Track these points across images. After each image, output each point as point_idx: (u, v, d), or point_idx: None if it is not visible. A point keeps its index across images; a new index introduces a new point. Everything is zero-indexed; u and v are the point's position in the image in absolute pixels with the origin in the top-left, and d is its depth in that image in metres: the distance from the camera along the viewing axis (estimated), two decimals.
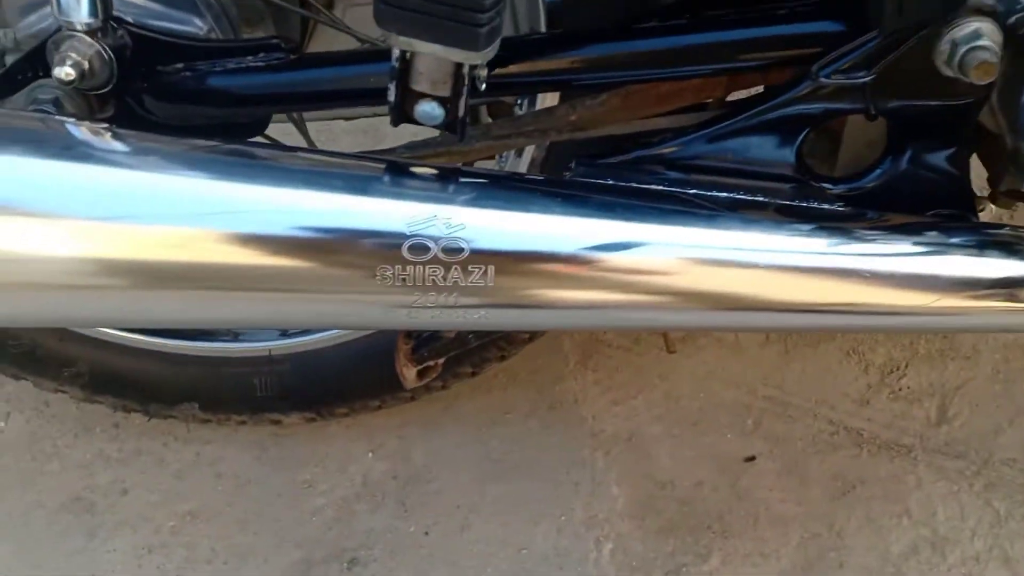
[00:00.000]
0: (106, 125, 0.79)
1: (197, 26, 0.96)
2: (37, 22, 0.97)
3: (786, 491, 1.35)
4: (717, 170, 0.87)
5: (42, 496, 1.40)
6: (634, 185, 0.83)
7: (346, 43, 1.06)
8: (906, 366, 1.45)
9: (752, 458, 1.37)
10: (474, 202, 0.77)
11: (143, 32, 0.84)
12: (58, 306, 0.76)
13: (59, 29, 0.82)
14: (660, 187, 0.83)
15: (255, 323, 0.82)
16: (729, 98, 0.97)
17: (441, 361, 1.10)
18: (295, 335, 1.29)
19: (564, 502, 1.36)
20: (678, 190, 0.83)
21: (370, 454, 1.41)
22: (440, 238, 0.75)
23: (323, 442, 1.42)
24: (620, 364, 1.45)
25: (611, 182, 0.83)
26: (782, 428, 1.39)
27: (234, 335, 1.29)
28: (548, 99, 1.03)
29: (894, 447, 1.38)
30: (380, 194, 0.77)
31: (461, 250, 0.75)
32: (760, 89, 0.90)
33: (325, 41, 1.14)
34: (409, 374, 1.08)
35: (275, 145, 0.84)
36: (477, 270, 0.76)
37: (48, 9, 0.96)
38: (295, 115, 1.12)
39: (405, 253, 0.75)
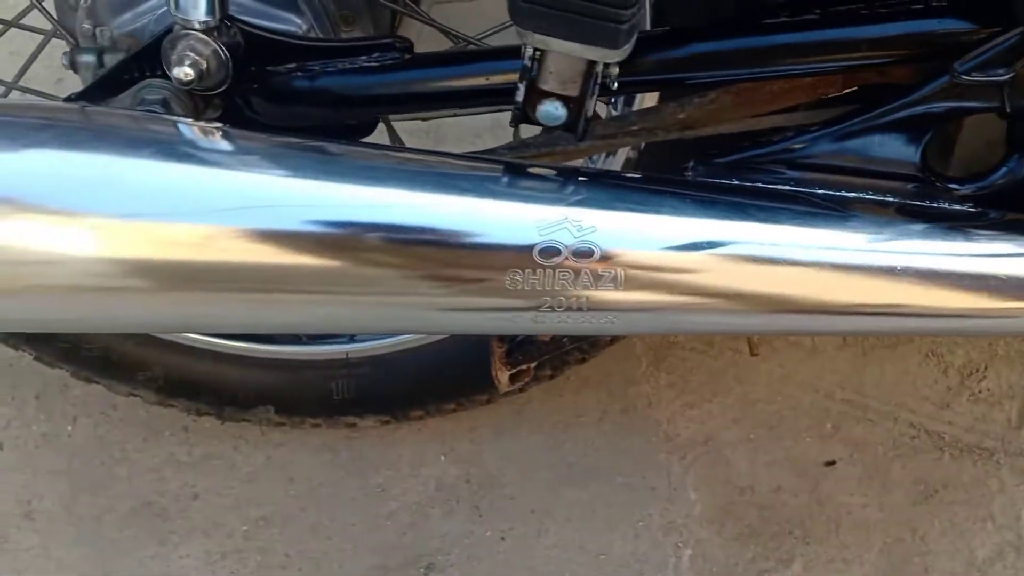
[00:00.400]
0: (223, 126, 0.78)
1: (296, 24, 0.95)
2: (132, 20, 0.96)
3: (867, 496, 1.33)
4: (840, 169, 0.85)
5: (112, 501, 1.38)
6: (761, 185, 0.81)
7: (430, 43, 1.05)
8: (985, 368, 1.43)
9: (832, 462, 1.35)
10: (604, 204, 0.76)
11: (257, 31, 0.83)
12: (195, 311, 0.74)
13: (170, 28, 0.81)
14: (787, 187, 0.81)
15: (378, 329, 0.81)
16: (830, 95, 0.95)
17: (533, 365, 1.09)
18: (371, 338, 1.28)
19: (641, 507, 1.34)
20: (805, 190, 0.81)
21: (442, 457, 1.40)
22: (571, 242, 0.74)
23: (394, 445, 1.41)
24: (694, 367, 1.43)
25: (736, 183, 0.81)
26: (862, 432, 1.37)
27: (311, 338, 1.28)
28: (647, 97, 1.01)
29: (976, 450, 1.36)
30: (507, 197, 0.76)
31: (592, 253, 0.74)
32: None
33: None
34: (503, 378, 1.07)
35: (393, 147, 0.83)
36: (608, 274, 0.75)
37: (143, 7, 0.95)
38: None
39: (536, 257, 0.74)
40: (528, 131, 0.88)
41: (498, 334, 0.94)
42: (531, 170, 0.80)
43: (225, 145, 0.76)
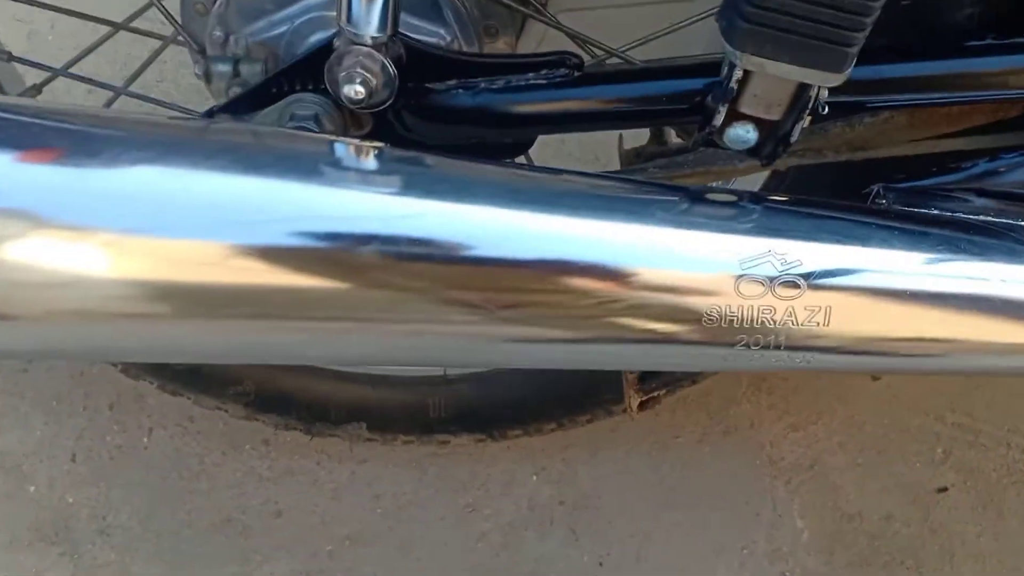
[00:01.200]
0: (386, 146, 0.73)
1: (441, 36, 0.89)
2: (266, 28, 0.89)
3: (982, 524, 1.28)
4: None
5: (191, 516, 1.33)
6: (969, 218, 0.76)
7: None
8: None
9: (944, 489, 1.30)
10: (808, 235, 0.71)
11: (421, 46, 0.77)
12: (350, 344, 0.69)
13: (330, 42, 0.75)
14: (998, 220, 0.75)
15: (560, 364, 0.75)
16: None
17: (664, 392, 1.03)
18: None
19: (745, 533, 1.29)
20: (1011, 222, 0.76)
21: (534, 477, 1.35)
22: (775, 275, 0.69)
23: (484, 463, 1.36)
24: (796, 387, 1.38)
25: (940, 213, 0.76)
26: (974, 457, 1.32)
27: None
28: None
29: None
30: (705, 227, 0.70)
31: (797, 287, 0.69)
32: None
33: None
34: (633, 404, 1.02)
35: (567, 171, 0.77)
36: (812, 311, 0.69)
37: (279, 16, 0.89)
38: None
39: (737, 291, 0.68)
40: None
41: (689, 371, 0.89)
42: (722, 197, 0.74)
43: (394, 167, 0.70)
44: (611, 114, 0.82)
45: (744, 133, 0.74)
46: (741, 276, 0.68)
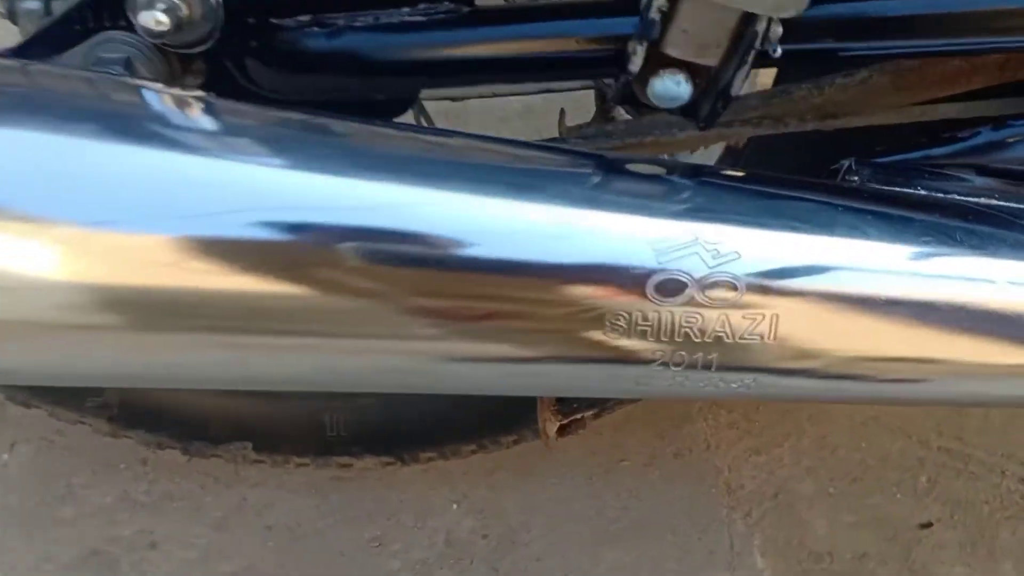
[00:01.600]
0: (208, 95, 0.54)
1: None
2: None
3: (971, 565, 1.11)
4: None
5: (52, 548, 1.14)
6: (964, 200, 0.57)
7: None
8: None
9: (928, 524, 1.12)
10: (750, 219, 0.52)
11: None
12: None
13: None
14: (998, 202, 0.57)
15: (410, 387, 0.57)
16: None
17: (591, 413, 0.85)
18: None
19: (698, 574, 1.10)
20: (1021, 207, 0.57)
21: (454, 506, 1.16)
22: (703, 272, 0.50)
23: (395, 489, 1.17)
24: (760, 403, 1.19)
25: (928, 194, 0.57)
26: (963, 488, 1.15)
27: None
28: (763, 75, 0.77)
29: None
30: (612, 206, 0.51)
31: (733, 289, 0.50)
32: None
33: None
34: (551, 429, 0.83)
35: (445, 132, 0.59)
36: (753, 320, 0.51)
37: None
38: None
39: (651, 293, 0.50)
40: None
41: (586, 396, 0.70)
42: (640, 168, 0.55)
43: (210, 122, 0.51)
44: (509, 63, 0.63)
45: (674, 85, 0.56)
46: (657, 272, 0.50)
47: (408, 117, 0.87)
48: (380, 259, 0.49)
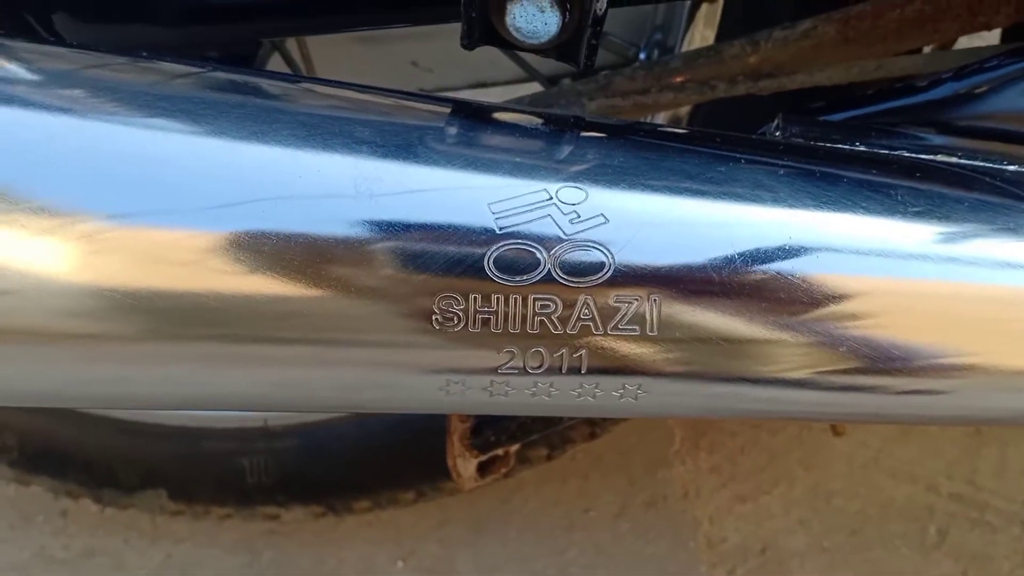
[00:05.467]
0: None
1: None
2: None
3: None
4: (993, 134, 0.49)
5: None
6: (906, 155, 0.45)
7: None
8: None
9: None
10: (623, 175, 0.40)
11: None
12: None
13: None
14: (953, 160, 0.44)
15: (195, 402, 0.45)
16: None
17: (514, 448, 0.72)
18: None
19: None
20: (991, 165, 0.44)
21: (400, 563, 1.04)
22: (559, 240, 0.38)
23: (334, 544, 1.05)
24: (745, 444, 1.06)
25: (860, 148, 0.45)
26: (978, 540, 0.99)
27: None
28: (699, 40, 0.65)
29: None
30: (440, 156, 0.40)
31: (600, 266, 0.38)
32: None
33: None
34: (466, 469, 0.70)
35: (271, 74, 0.47)
36: (627, 305, 0.39)
37: None
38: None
39: (491, 268, 0.38)
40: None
41: (423, 412, 0.58)
42: (492, 115, 0.44)
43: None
44: (355, 3, 0.52)
45: (537, 12, 0.44)
46: (497, 241, 0.38)
47: None
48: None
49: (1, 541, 1.08)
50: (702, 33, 0.75)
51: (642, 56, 0.93)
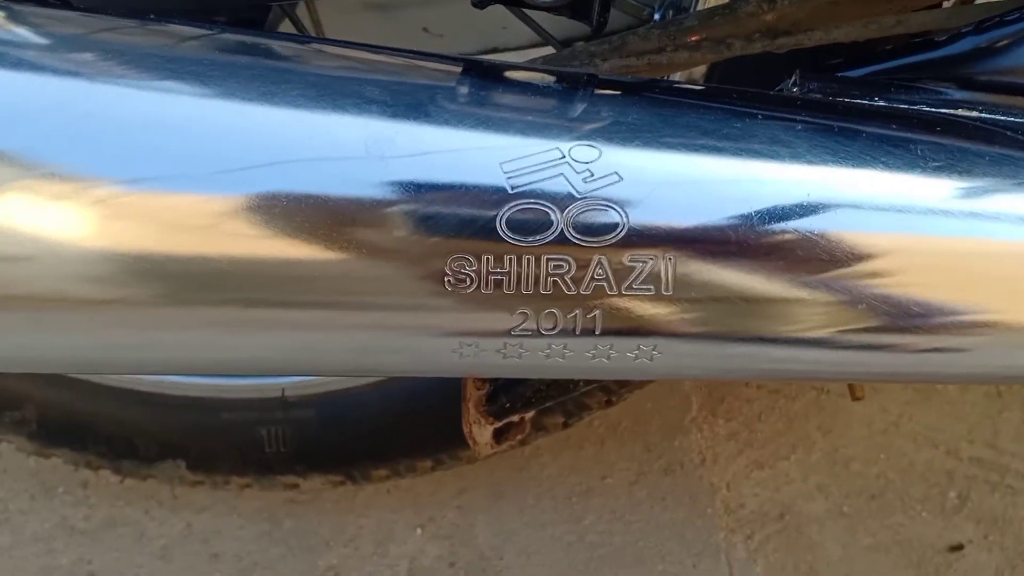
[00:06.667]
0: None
1: None
2: None
3: None
4: (1014, 88, 0.49)
5: None
6: (926, 110, 0.44)
7: None
8: None
9: (959, 547, 0.97)
10: (637, 133, 0.39)
11: None
12: None
13: None
14: (982, 114, 0.43)
15: (206, 365, 0.45)
16: None
17: (529, 415, 0.71)
18: None
19: None
20: (1014, 119, 0.43)
21: (419, 530, 1.04)
22: (572, 199, 0.38)
23: (354, 512, 1.05)
24: (763, 410, 1.05)
25: (875, 103, 0.44)
26: (998, 504, 0.99)
27: None
28: None
29: None
30: (451, 116, 0.39)
31: (614, 225, 0.38)
32: None
33: None
34: (482, 435, 0.70)
35: (280, 35, 0.47)
36: (642, 264, 0.38)
37: None
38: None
39: (503, 229, 0.37)
40: None
41: (445, 375, 0.57)
42: (500, 71, 0.43)
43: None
44: None
45: None
46: (510, 201, 0.37)
47: None
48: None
49: (23, 512, 1.09)
50: None
51: (656, 16, 0.92)
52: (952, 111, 0.46)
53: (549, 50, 0.90)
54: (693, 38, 0.58)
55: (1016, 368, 0.43)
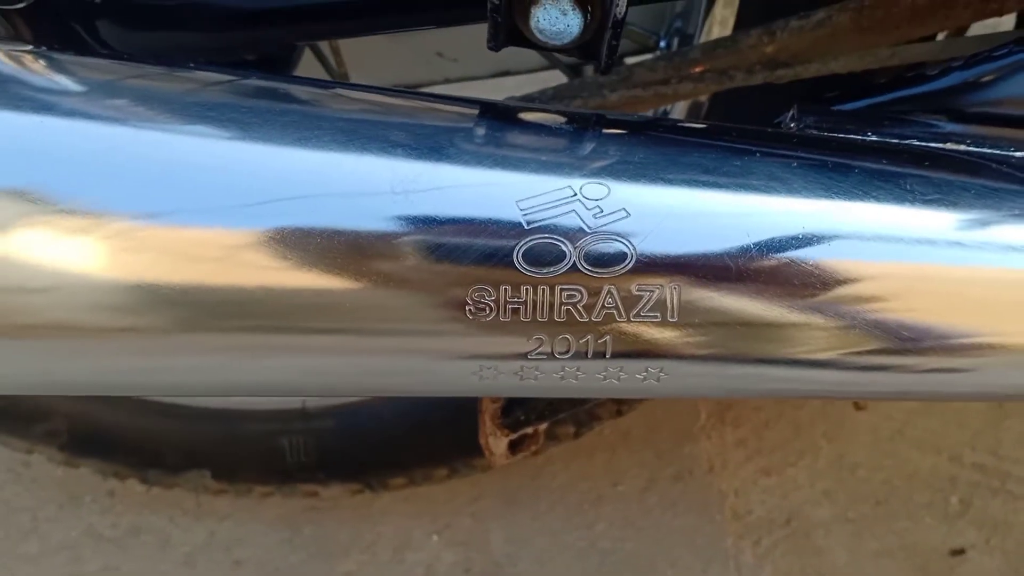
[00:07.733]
0: (42, 50, 0.47)
1: None
2: None
3: None
4: (1001, 120, 0.51)
5: None
6: (919, 144, 0.47)
7: None
8: None
9: (961, 551, 0.99)
10: (644, 171, 0.42)
11: None
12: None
13: None
14: (970, 147, 0.46)
15: (234, 389, 0.48)
16: None
17: (543, 427, 0.74)
18: None
19: None
20: (999, 152, 0.46)
21: (435, 537, 1.06)
22: (584, 233, 0.41)
23: (371, 520, 1.08)
24: (770, 418, 1.08)
25: (868, 136, 0.47)
26: (1000, 509, 1.01)
27: None
28: (717, 26, 0.67)
29: None
30: (470, 156, 0.42)
31: (622, 257, 0.40)
32: None
33: None
34: (497, 446, 0.73)
35: (307, 80, 0.50)
36: (648, 293, 0.41)
37: None
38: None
39: (520, 262, 0.40)
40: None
41: (457, 396, 0.60)
42: (517, 115, 0.46)
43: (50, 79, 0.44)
44: (390, 7, 0.54)
45: (560, 15, 0.46)
46: (526, 236, 0.40)
47: None
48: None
49: (51, 521, 1.12)
50: (721, 13, 0.76)
51: (662, 44, 0.95)
52: (942, 144, 0.48)
53: (558, 73, 0.93)
54: (697, 69, 0.61)
55: (1000, 387, 0.46)
